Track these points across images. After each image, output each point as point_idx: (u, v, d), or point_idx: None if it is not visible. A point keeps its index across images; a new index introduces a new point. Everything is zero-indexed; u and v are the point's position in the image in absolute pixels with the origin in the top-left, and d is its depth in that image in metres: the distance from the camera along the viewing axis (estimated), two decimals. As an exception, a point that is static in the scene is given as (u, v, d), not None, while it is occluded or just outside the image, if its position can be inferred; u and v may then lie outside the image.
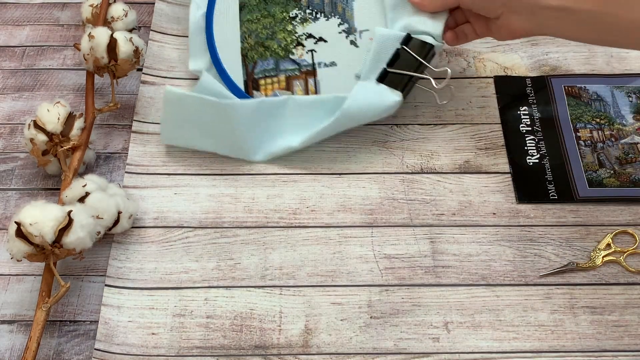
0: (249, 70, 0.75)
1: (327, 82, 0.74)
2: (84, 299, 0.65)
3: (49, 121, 0.69)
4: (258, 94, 0.75)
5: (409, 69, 0.70)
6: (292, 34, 0.76)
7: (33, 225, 0.59)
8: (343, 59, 0.74)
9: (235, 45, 0.76)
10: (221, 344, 0.62)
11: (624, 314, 0.63)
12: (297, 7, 0.76)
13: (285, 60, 0.75)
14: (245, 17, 0.76)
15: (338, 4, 0.75)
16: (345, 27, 0.75)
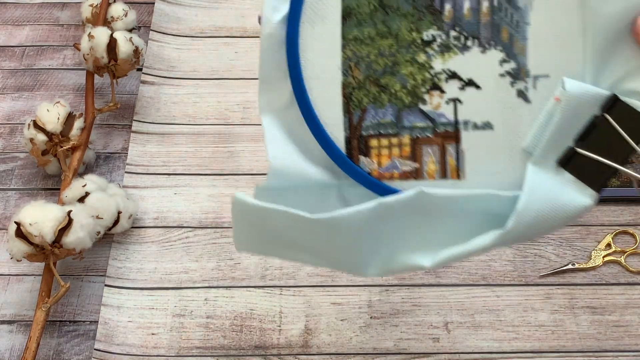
0: (353, 121, 0.48)
1: (475, 154, 0.48)
2: (83, 299, 0.65)
3: (49, 121, 0.69)
4: (366, 162, 0.49)
5: (609, 153, 0.45)
6: (425, 70, 0.48)
7: (33, 225, 0.59)
8: (504, 120, 0.47)
9: (333, 78, 0.48)
10: (221, 344, 0.62)
11: (624, 314, 0.63)
12: (435, 24, 0.47)
13: (411, 112, 0.48)
14: (351, 33, 0.48)
15: (503, 28, 0.47)
16: (512, 68, 0.47)
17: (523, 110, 0.47)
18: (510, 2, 0.47)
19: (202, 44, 0.85)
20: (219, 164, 0.74)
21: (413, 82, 0.48)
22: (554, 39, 0.46)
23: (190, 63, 0.84)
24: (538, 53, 0.46)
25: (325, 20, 0.48)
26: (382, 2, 0.48)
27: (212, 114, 0.79)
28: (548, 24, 0.46)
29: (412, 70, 0.48)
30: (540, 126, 0.46)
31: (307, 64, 0.48)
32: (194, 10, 0.89)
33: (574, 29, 0.46)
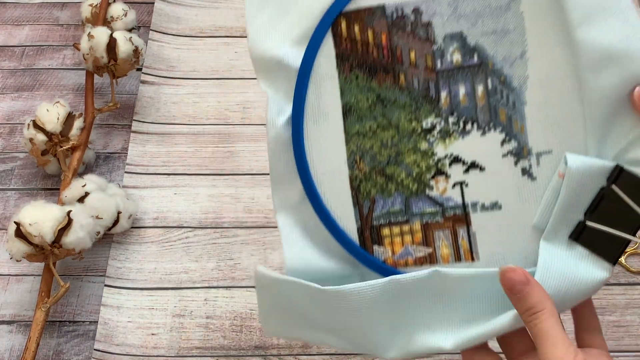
0: (363, 212, 0.49)
1: (487, 235, 0.48)
2: (83, 299, 0.65)
3: (49, 121, 0.69)
4: (380, 251, 0.49)
5: (620, 223, 0.45)
6: (429, 157, 0.49)
7: (32, 225, 0.59)
8: (511, 199, 0.48)
9: (340, 172, 0.50)
10: (221, 345, 0.62)
11: (624, 314, 0.63)
12: (433, 112, 0.49)
13: (419, 199, 0.49)
14: (353, 128, 0.49)
15: (500, 110, 0.48)
16: (513, 147, 0.48)
17: (529, 187, 0.47)
18: (504, 84, 0.48)
19: (202, 44, 0.85)
20: (219, 164, 0.74)
21: (418, 170, 0.49)
22: (552, 115, 0.47)
23: (190, 63, 0.83)
24: (538, 130, 0.47)
25: (327, 117, 0.49)
26: (380, 96, 0.49)
27: (212, 114, 0.79)
28: (544, 102, 0.47)
29: (416, 158, 0.49)
30: (548, 202, 0.46)
31: (315, 161, 0.50)
32: (194, 10, 0.89)
33: (571, 104, 0.47)
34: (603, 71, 0.45)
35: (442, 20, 0.48)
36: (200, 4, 0.90)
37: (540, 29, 0.47)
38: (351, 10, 0.49)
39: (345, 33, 0.50)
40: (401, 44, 0.49)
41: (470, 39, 0.48)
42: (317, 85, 0.50)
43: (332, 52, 0.50)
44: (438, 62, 0.49)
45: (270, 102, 0.50)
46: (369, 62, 0.49)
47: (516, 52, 0.48)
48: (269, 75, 0.50)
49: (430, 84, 0.49)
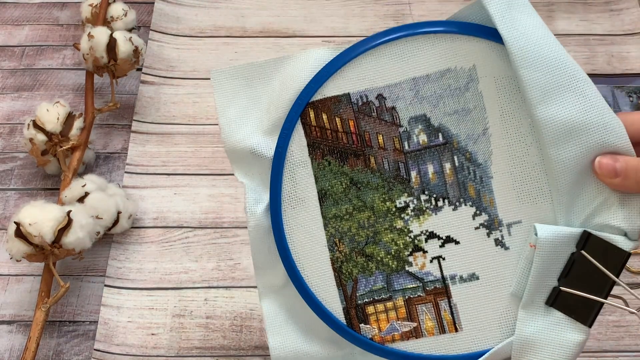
0: (347, 293, 0.51)
1: (467, 305, 0.50)
2: (83, 299, 0.65)
3: (49, 121, 0.69)
4: (367, 329, 0.51)
5: (592, 286, 0.47)
6: (405, 234, 0.51)
7: (32, 225, 0.59)
8: (488, 269, 0.50)
9: (321, 255, 0.51)
10: (221, 345, 0.62)
11: (624, 314, 0.63)
12: (405, 191, 0.51)
13: (400, 275, 0.51)
14: (330, 212, 0.51)
15: (468, 185, 0.50)
16: (485, 220, 0.50)
17: (503, 257, 0.50)
18: (470, 160, 0.50)
19: (202, 44, 0.85)
20: (219, 164, 0.74)
21: (396, 248, 0.51)
22: (519, 186, 0.49)
23: (190, 63, 0.83)
24: (506, 202, 0.50)
25: (304, 203, 0.52)
26: (353, 179, 0.51)
27: (212, 114, 0.79)
28: (510, 174, 0.49)
29: (393, 236, 0.51)
30: (522, 272, 0.48)
31: (296, 246, 0.52)
32: (194, 10, 0.89)
33: (536, 175, 0.49)
34: (564, 144, 0.47)
35: (405, 104, 0.51)
36: (200, 4, 0.90)
37: (499, 106, 0.50)
38: (318, 99, 0.51)
39: (314, 121, 0.52)
40: (369, 129, 0.51)
41: (434, 120, 0.51)
42: (291, 173, 0.52)
43: (303, 141, 0.52)
44: (405, 144, 0.51)
45: (248, 192, 0.52)
46: (339, 148, 0.51)
47: (478, 129, 0.50)
48: (243, 165, 0.53)
49: (400, 165, 0.51)
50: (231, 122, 0.53)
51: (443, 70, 0.50)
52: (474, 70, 0.50)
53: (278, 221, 0.52)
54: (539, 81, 0.47)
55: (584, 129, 0.46)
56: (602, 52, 0.83)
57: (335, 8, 0.89)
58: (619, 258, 0.47)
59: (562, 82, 0.47)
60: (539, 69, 0.47)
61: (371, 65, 0.51)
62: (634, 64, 0.82)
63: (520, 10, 0.48)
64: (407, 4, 0.89)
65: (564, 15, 0.87)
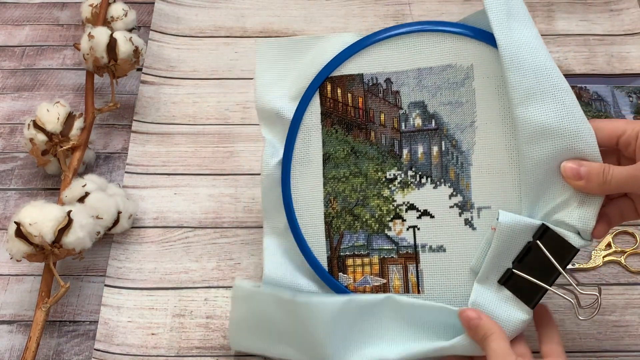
0: (333, 244, 0.59)
1: (431, 272, 0.57)
2: (83, 299, 0.65)
3: (49, 121, 0.69)
4: (344, 278, 0.59)
5: (541, 274, 0.53)
6: (389, 202, 0.58)
7: (33, 225, 0.59)
8: (454, 244, 0.57)
9: (317, 209, 0.60)
10: (221, 344, 0.62)
11: (624, 314, 0.63)
12: (396, 165, 0.58)
13: (379, 237, 0.58)
14: (330, 173, 0.59)
15: (450, 168, 0.57)
16: (459, 201, 0.57)
17: (470, 235, 0.56)
18: (455, 147, 0.57)
19: (202, 44, 0.85)
20: (219, 164, 0.74)
21: (380, 213, 0.58)
22: (493, 176, 0.56)
23: (190, 63, 0.83)
24: (480, 189, 0.56)
25: (310, 163, 0.60)
26: (354, 148, 0.59)
27: (212, 114, 0.79)
28: (487, 165, 0.56)
29: (379, 202, 0.59)
30: (482, 251, 0.55)
31: (298, 197, 0.60)
32: (194, 10, 0.89)
33: (510, 170, 0.55)
34: (537, 144, 0.52)
35: (408, 90, 0.58)
36: (200, 4, 0.90)
37: (488, 103, 0.56)
38: (336, 75, 0.60)
39: (330, 94, 0.60)
40: (374, 107, 0.59)
41: (430, 107, 0.58)
42: (305, 135, 0.60)
43: (318, 109, 0.60)
44: (403, 125, 0.59)
45: (267, 145, 0.60)
46: (347, 120, 0.59)
47: (467, 121, 0.57)
48: (268, 122, 0.62)
49: (395, 142, 0.59)
50: (265, 85, 0.62)
51: (445, 65, 0.57)
52: (472, 69, 0.57)
53: (287, 173, 0.60)
54: (522, 84, 0.52)
55: (557, 132, 0.52)
56: (602, 52, 0.83)
57: (335, 8, 0.89)
58: (569, 253, 0.53)
59: (544, 88, 0.52)
60: (523, 73, 0.52)
61: (385, 52, 0.59)
62: (634, 64, 0.82)
63: (519, 20, 0.54)
64: (407, 4, 0.89)
65: (563, 15, 0.87)
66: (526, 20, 0.55)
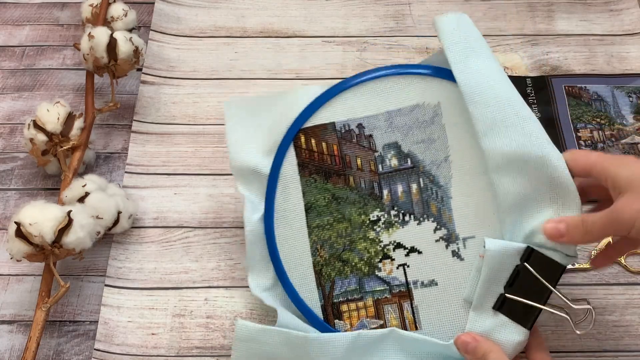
0: (325, 292, 0.60)
1: (427, 307, 0.58)
2: (83, 299, 0.65)
3: (49, 121, 0.69)
4: (341, 324, 0.59)
5: (533, 295, 0.54)
6: (376, 244, 0.59)
7: (33, 225, 0.59)
8: (445, 277, 0.58)
9: (305, 259, 0.60)
10: (221, 344, 0.62)
11: (624, 314, 0.63)
12: (378, 207, 0.59)
13: (370, 279, 0.59)
14: (314, 222, 0.60)
15: (431, 203, 0.59)
16: (444, 234, 0.58)
17: (459, 266, 0.57)
18: (433, 182, 0.59)
19: (202, 44, 0.85)
20: (219, 164, 0.74)
21: (368, 255, 0.59)
22: (473, 206, 0.57)
23: (190, 63, 0.83)
24: (462, 219, 0.58)
25: (293, 214, 0.61)
26: (334, 195, 0.60)
27: (212, 114, 0.79)
28: (466, 196, 0.58)
29: (366, 245, 0.60)
30: (473, 279, 0.55)
31: (284, 251, 0.60)
32: (194, 10, 0.89)
33: (487, 196, 0.57)
34: (505, 172, 0.54)
35: (380, 132, 0.60)
36: (200, 4, 0.90)
37: (459, 137, 0.58)
38: (308, 127, 0.61)
39: (304, 145, 0.61)
40: (349, 153, 0.61)
41: (404, 147, 0.60)
42: (284, 187, 0.61)
43: (294, 161, 0.61)
44: (380, 166, 0.60)
45: (247, 202, 0.61)
46: (324, 168, 0.61)
47: (441, 156, 0.59)
48: (246, 180, 0.62)
49: (374, 184, 0.60)
50: (237, 143, 0.63)
51: (413, 105, 0.60)
52: (439, 107, 0.59)
53: (270, 229, 0.61)
54: (485, 116, 0.54)
55: (522, 160, 0.53)
56: (602, 52, 0.83)
57: (335, 8, 0.89)
58: (557, 271, 0.53)
59: (506, 118, 0.54)
60: (485, 106, 0.54)
61: (353, 99, 0.61)
62: (634, 64, 0.82)
63: (478, 55, 0.56)
64: (407, 4, 0.89)
65: (563, 15, 0.87)
66: (485, 55, 0.57)
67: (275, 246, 0.61)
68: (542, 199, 0.53)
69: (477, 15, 0.87)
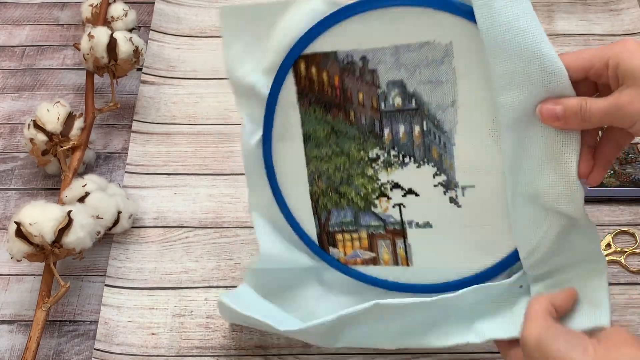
0: (322, 221, 0.60)
1: (420, 247, 0.58)
2: (83, 299, 0.65)
3: (49, 121, 0.69)
4: (335, 252, 0.60)
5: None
6: (374, 181, 0.58)
7: (33, 225, 0.59)
8: (441, 220, 0.57)
9: (302, 187, 0.60)
10: (221, 344, 0.62)
11: (624, 314, 0.63)
12: (377, 145, 0.57)
13: (366, 214, 0.59)
14: (312, 152, 0.59)
15: (433, 148, 0.56)
16: (443, 180, 0.56)
17: (455, 212, 0.56)
18: (437, 127, 0.55)
19: (202, 44, 0.85)
20: (219, 164, 0.74)
21: (365, 191, 0.58)
22: (476, 156, 0.54)
23: (190, 63, 0.84)
24: (463, 168, 0.55)
25: (291, 141, 0.59)
26: (334, 128, 0.58)
27: (212, 114, 0.79)
28: (470, 145, 0.54)
29: (363, 181, 0.58)
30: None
31: (281, 175, 0.60)
32: (194, 10, 0.89)
33: (492, 149, 0.53)
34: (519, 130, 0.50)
35: (385, 68, 0.55)
36: (200, 4, 0.90)
37: (469, 82, 0.53)
38: (309, 53, 0.56)
39: (304, 73, 0.57)
40: (351, 86, 0.57)
41: (409, 86, 0.55)
42: (283, 113, 0.58)
43: (293, 88, 0.57)
44: (382, 104, 0.56)
45: (245, 123, 0.58)
46: (324, 99, 0.57)
47: (448, 100, 0.54)
48: (244, 97, 0.59)
49: (375, 122, 0.57)
50: (235, 57, 0.58)
51: (423, 42, 0.54)
52: (451, 47, 0.53)
53: (268, 152, 0.59)
54: (506, 70, 0.49)
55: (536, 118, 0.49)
56: (602, 52, 0.83)
57: (335, 8, 0.88)
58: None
59: (529, 74, 0.48)
60: (507, 59, 0.49)
61: (359, 28, 0.55)
62: (634, 64, 0.82)
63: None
64: (407, 4, 0.89)
65: (563, 15, 0.87)
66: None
67: (273, 171, 0.59)
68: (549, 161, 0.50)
69: (477, 15, 0.87)
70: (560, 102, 0.48)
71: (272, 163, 0.59)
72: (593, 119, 0.47)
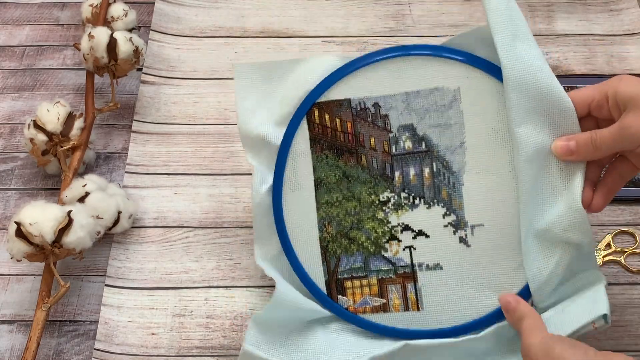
0: (330, 268, 0.60)
1: (431, 290, 0.59)
2: (83, 299, 0.65)
3: (49, 121, 0.69)
4: (344, 300, 0.60)
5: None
6: (384, 224, 0.59)
7: (33, 225, 0.59)
8: (451, 262, 0.58)
9: (312, 234, 0.60)
10: (221, 344, 0.62)
11: (624, 314, 0.63)
12: (388, 188, 0.59)
13: (376, 258, 0.60)
14: (323, 198, 0.60)
15: (442, 189, 0.58)
16: (453, 220, 0.58)
17: (465, 253, 0.58)
18: (446, 168, 0.58)
19: (202, 44, 0.85)
20: (219, 164, 0.74)
21: (375, 235, 0.60)
22: (485, 195, 0.57)
23: (190, 63, 0.84)
24: (473, 208, 0.58)
25: (302, 188, 0.60)
26: (345, 173, 0.60)
27: (212, 114, 0.79)
28: (478, 184, 0.57)
29: (374, 225, 0.60)
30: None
31: (291, 223, 0.60)
32: (194, 10, 0.89)
33: (500, 187, 0.57)
34: (536, 162, 0.54)
35: (397, 113, 0.59)
36: (200, 4, 0.90)
37: (477, 124, 0.57)
38: (323, 101, 0.60)
39: (318, 120, 0.60)
40: (363, 132, 0.59)
41: (420, 130, 0.59)
42: (294, 161, 0.60)
43: (306, 135, 0.60)
44: (393, 148, 0.59)
45: (256, 172, 0.60)
46: (337, 145, 0.60)
47: (456, 142, 0.58)
48: (254, 149, 0.61)
49: (386, 165, 0.59)
50: (247, 111, 0.61)
51: (432, 88, 0.58)
52: (458, 92, 0.57)
53: (278, 201, 0.60)
54: (525, 105, 0.54)
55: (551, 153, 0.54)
56: (602, 52, 0.83)
57: (335, 8, 0.89)
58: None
59: (546, 110, 0.54)
60: (526, 94, 0.53)
61: (371, 77, 0.59)
62: (634, 64, 0.82)
63: (523, 40, 0.54)
64: (407, 4, 0.89)
65: (563, 15, 0.87)
66: (530, 40, 0.55)
67: (283, 219, 0.60)
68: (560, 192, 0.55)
69: (477, 15, 0.87)
70: (572, 138, 0.54)
71: (282, 212, 0.60)
72: (604, 146, 0.52)
